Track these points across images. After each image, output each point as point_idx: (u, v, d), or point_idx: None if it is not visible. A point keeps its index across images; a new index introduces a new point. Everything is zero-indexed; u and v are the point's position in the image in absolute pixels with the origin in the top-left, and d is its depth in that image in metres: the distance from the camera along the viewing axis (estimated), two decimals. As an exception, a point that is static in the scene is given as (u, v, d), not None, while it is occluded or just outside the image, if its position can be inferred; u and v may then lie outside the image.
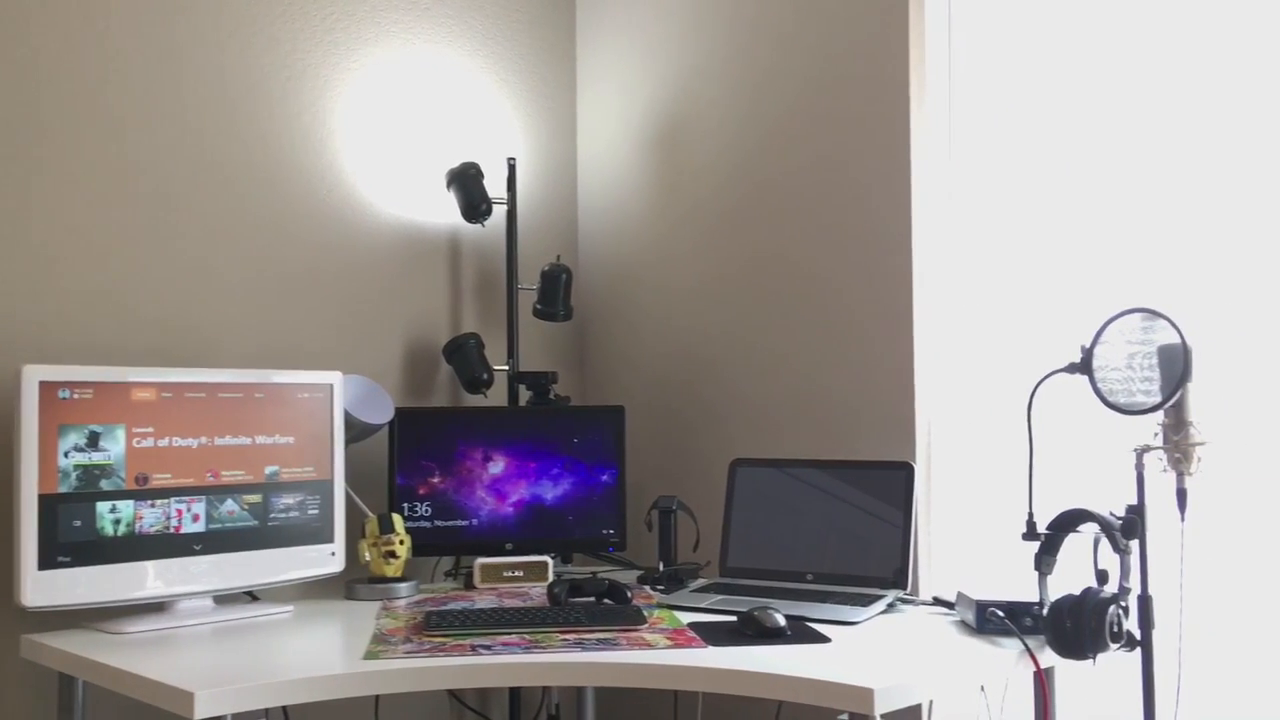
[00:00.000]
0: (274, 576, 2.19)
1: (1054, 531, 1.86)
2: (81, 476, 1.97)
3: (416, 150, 2.75)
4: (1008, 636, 1.86)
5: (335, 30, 2.60)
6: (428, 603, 2.25)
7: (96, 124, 2.24)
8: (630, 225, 2.94)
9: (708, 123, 2.75)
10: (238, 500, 2.16)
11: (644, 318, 2.90)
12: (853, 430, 2.44)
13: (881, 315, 2.40)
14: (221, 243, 2.41)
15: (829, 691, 1.58)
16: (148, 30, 2.31)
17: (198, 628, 2.03)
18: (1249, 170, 1.98)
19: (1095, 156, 2.16)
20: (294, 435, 2.23)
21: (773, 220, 2.61)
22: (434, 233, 2.77)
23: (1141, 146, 2.10)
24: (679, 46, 2.82)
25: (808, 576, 2.27)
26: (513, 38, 2.95)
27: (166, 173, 2.33)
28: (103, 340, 2.23)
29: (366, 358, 2.63)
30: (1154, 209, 2.08)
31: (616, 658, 1.75)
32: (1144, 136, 2.09)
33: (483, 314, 2.86)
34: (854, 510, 2.26)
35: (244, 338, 2.43)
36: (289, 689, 1.66)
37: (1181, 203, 2.05)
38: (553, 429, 2.56)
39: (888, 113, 2.38)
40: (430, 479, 2.51)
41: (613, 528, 2.55)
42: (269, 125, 2.49)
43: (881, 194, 2.40)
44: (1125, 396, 1.81)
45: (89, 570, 1.97)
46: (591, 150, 3.05)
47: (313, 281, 2.55)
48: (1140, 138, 2.10)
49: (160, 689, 1.64)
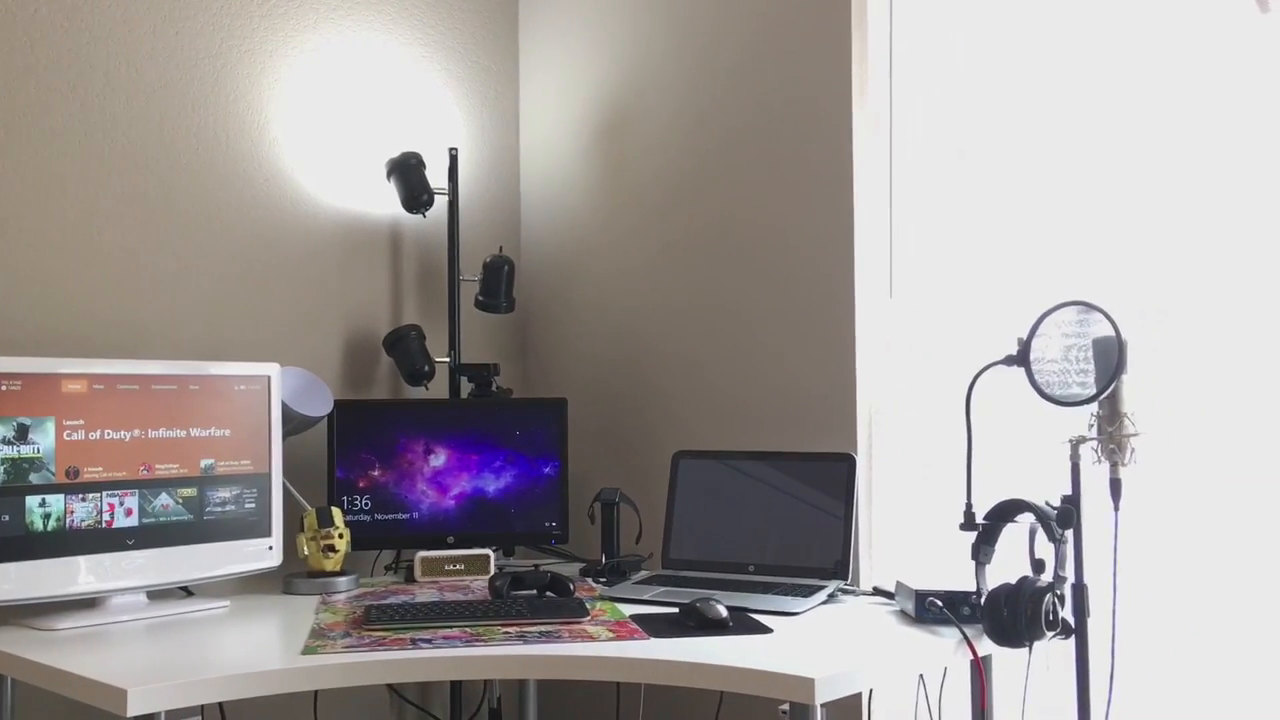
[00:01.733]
0: (209, 571, 2.15)
1: (992, 521, 1.88)
2: (9, 470, 1.92)
3: (356, 139, 2.71)
4: (946, 625, 1.88)
5: (273, 15, 2.56)
6: (367, 597, 2.23)
7: (23, 110, 2.18)
8: (573, 216, 2.93)
9: (649, 114, 2.75)
10: (172, 494, 2.12)
11: (586, 309, 2.89)
12: (794, 422, 2.46)
13: (823, 307, 2.41)
14: (155, 232, 2.36)
15: (770, 681, 1.58)
16: (78, 13, 2.25)
17: (131, 624, 1.99)
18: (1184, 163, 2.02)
19: (1034, 149, 2.19)
20: (230, 428, 2.19)
21: (713, 210, 2.61)
22: (374, 223, 2.74)
23: (1079, 139, 2.13)
24: (621, 37, 2.82)
25: (749, 568, 2.28)
26: (455, 26, 2.92)
27: (98, 160, 2.27)
28: (31, 331, 2.18)
29: (305, 349, 2.60)
30: (1091, 202, 2.12)
31: (558, 650, 1.75)
32: (1080, 129, 2.13)
33: (424, 305, 2.83)
34: (795, 502, 2.28)
35: (179, 329, 2.39)
36: (224, 685, 1.63)
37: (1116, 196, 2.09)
38: (495, 421, 2.54)
39: (829, 98, 2.40)
40: (370, 472, 2.48)
41: (555, 520, 2.54)
42: (204, 112, 2.44)
43: (824, 186, 2.41)
44: (1061, 388, 1.84)
45: (18, 566, 1.92)
46: (534, 141, 3.04)
47: (250, 272, 2.50)
48: (1076, 131, 2.13)
49: (92, 686, 1.60)
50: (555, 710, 2.91)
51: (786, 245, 2.48)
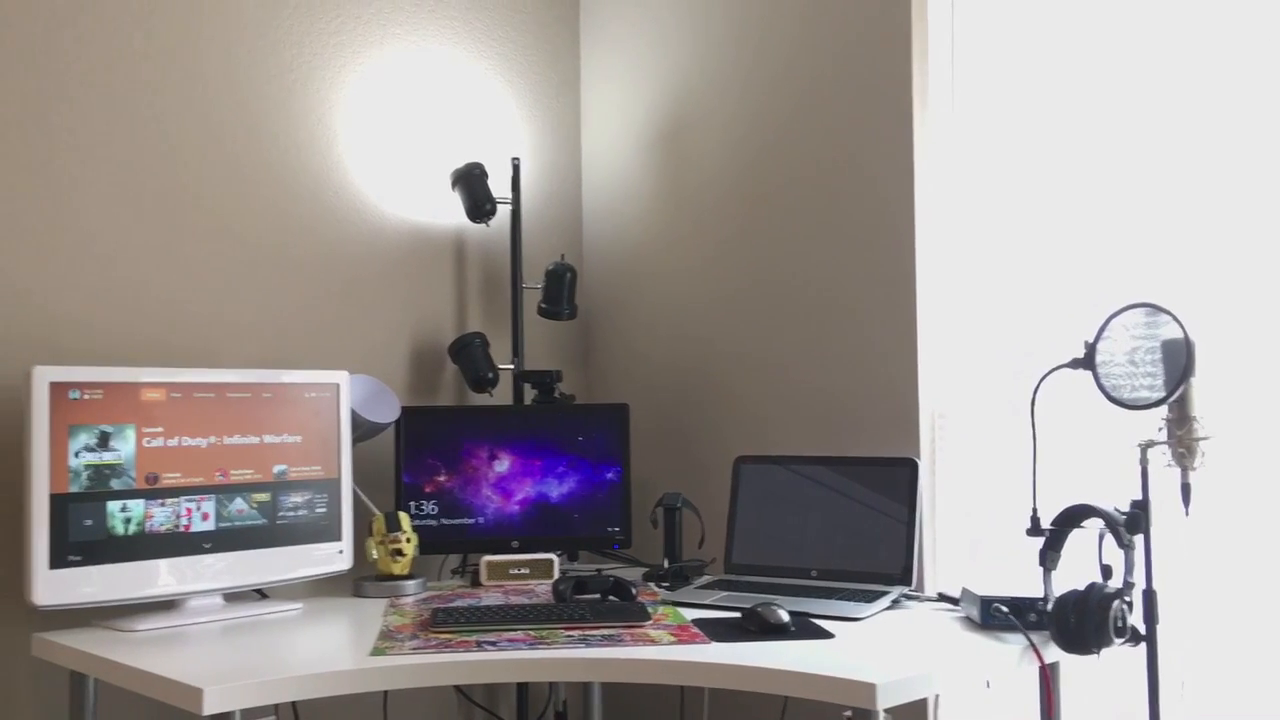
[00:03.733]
0: (283, 574, 2.20)
1: (1058, 527, 1.86)
2: (92, 476, 1.99)
3: (421, 151, 2.76)
4: (1012, 632, 1.86)
5: (341, 32, 2.62)
6: (434, 600, 2.27)
7: (106, 127, 2.26)
8: (634, 223, 2.95)
9: (711, 120, 2.76)
10: (246, 499, 2.17)
11: (648, 315, 2.91)
12: (857, 426, 2.45)
13: (886, 311, 2.40)
14: (229, 244, 2.42)
15: (832, 687, 1.58)
16: (156, 33, 2.33)
17: (207, 625, 2.04)
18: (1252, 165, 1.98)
19: (1100, 151, 2.16)
20: (301, 434, 2.25)
21: (777, 216, 2.62)
22: (439, 233, 2.78)
23: (1146, 141, 2.10)
24: (682, 45, 2.83)
25: (812, 573, 2.28)
26: (517, 38, 2.96)
27: (175, 174, 2.35)
28: (112, 341, 2.25)
29: (373, 357, 2.65)
30: (1158, 203, 2.08)
31: (620, 654, 1.76)
32: (1149, 131, 2.10)
33: (488, 313, 2.87)
34: (858, 506, 2.27)
35: (252, 338, 2.45)
36: (297, 685, 1.67)
37: (1185, 197, 2.05)
38: (558, 427, 2.57)
39: (891, 107, 2.39)
40: (436, 477, 2.52)
41: (618, 525, 2.56)
42: (277, 126, 2.50)
43: (886, 189, 2.41)
44: (1129, 391, 1.81)
45: (100, 569, 1.99)
46: (596, 149, 3.06)
47: (320, 282, 2.56)
48: (1145, 132, 2.10)
49: (170, 686, 1.65)
50: (620, 714, 2.93)
51: (847, 248, 2.47)
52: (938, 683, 1.65)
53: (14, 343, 2.13)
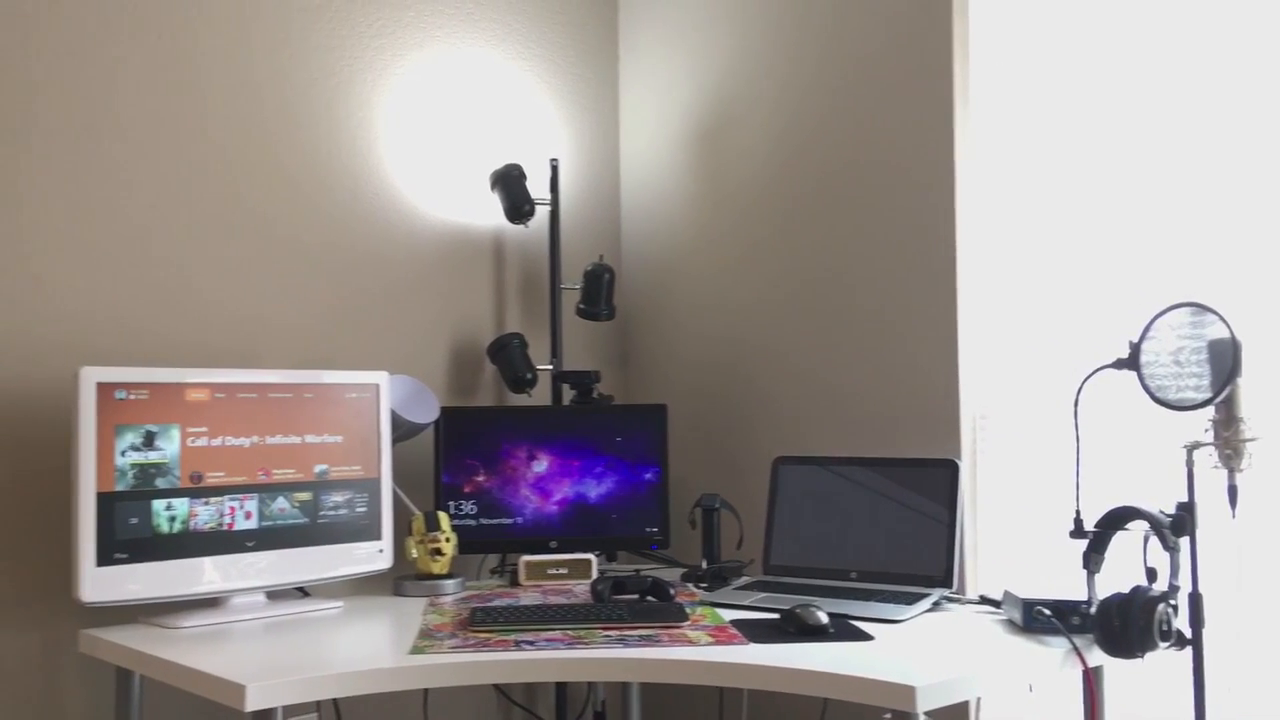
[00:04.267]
0: (324, 573, 2.23)
1: (1102, 529, 1.84)
2: (138, 475, 2.02)
3: (461, 152, 2.78)
4: (1055, 635, 1.84)
5: (382, 36, 2.64)
6: (473, 599, 2.28)
7: (152, 131, 2.29)
8: (672, 224, 2.95)
9: (749, 121, 2.76)
10: (289, 498, 2.20)
11: (686, 316, 2.91)
12: (897, 427, 2.43)
13: (927, 311, 2.38)
14: (272, 246, 2.45)
15: (871, 689, 1.57)
16: (201, 38, 2.36)
17: (250, 623, 2.07)
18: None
19: (1145, 148, 2.13)
20: (342, 434, 2.27)
21: (816, 215, 2.60)
22: (478, 234, 2.80)
23: (1193, 137, 2.07)
24: (720, 45, 2.83)
25: (851, 575, 2.27)
26: (555, 39, 2.97)
27: (220, 177, 2.38)
28: (157, 343, 2.28)
29: (412, 358, 2.67)
30: (1204, 201, 2.05)
31: (658, 654, 1.76)
32: (1195, 127, 2.06)
33: (526, 314, 2.88)
34: (898, 508, 2.25)
35: (294, 338, 2.48)
36: (337, 682, 1.69)
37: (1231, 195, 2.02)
38: (596, 428, 2.57)
39: (931, 102, 2.37)
40: (475, 477, 2.54)
41: (656, 526, 2.56)
42: (319, 130, 2.53)
43: (926, 186, 2.39)
44: (1174, 392, 1.79)
45: (145, 566, 2.02)
46: (634, 150, 3.07)
47: (360, 283, 2.59)
48: (1191, 128, 2.07)
49: (214, 682, 1.67)
50: (659, 714, 2.93)
51: (887, 248, 2.46)
52: (979, 686, 1.64)
53: (62, 344, 2.16)
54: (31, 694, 2.10)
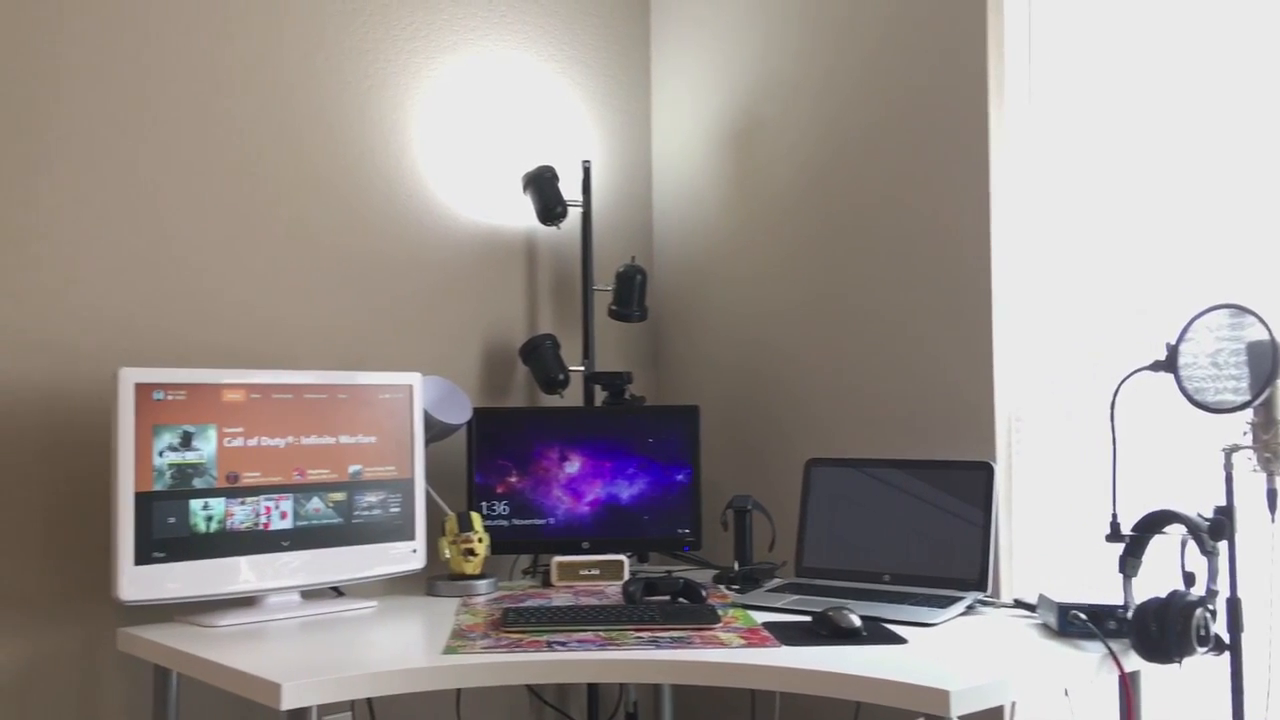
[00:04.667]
0: (358, 572, 2.24)
1: (1139, 533, 1.82)
2: (175, 475, 2.04)
3: (493, 154, 2.79)
4: (1091, 640, 1.83)
5: (415, 39, 2.66)
6: (506, 599, 2.29)
7: (187, 135, 2.32)
8: (705, 226, 2.95)
9: (782, 122, 2.75)
10: (323, 498, 2.21)
11: (719, 317, 2.91)
12: (930, 430, 2.42)
13: (960, 313, 2.37)
14: (306, 248, 2.47)
15: (903, 692, 1.57)
16: (235, 42, 2.38)
17: (285, 622, 2.09)
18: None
19: (1179, 149, 2.11)
20: (376, 435, 2.28)
21: (849, 217, 2.59)
22: (511, 236, 2.81)
23: (1228, 138, 2.04)
24: (752, 47, 2.83)
25: (885, 577, 2.26)
26: (587, 41, 2.98)
27: (254, 180, 2.40)
28: (193, 344, 2.31)
29: (445, 359, 2.68)
30: (1240, 202, 2.02)
31: (689, 656, 1.76)
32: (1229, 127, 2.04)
33: (558, 315, 2.89)
34: (932, 510, 2.24)
35: (328, 340, 2.50)
36: (371, 681, 1.70)
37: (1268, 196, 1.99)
38: (628, 429, 2.57)
39: (964, 96, 2.36)
40: (508, 478, 2.55)
41: (688, 527, 2.56)
42: (352, 133, 2.55)
43: (960, 189, 2.37)
44: (1212, 395, 1.77)
45: (183, 565, 2.04)
46: (666, 151, 3.07)
47: (393, 285, 2.60)
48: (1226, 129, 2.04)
49: (249, 681, 1.69)
50: (691, 716, 2.92)
51: (921, 248, 2.44)
52: (1013, 690, 1.63)
53: (101, 346, 2.19)
54: (72, 691, 2.13)
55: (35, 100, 2.13)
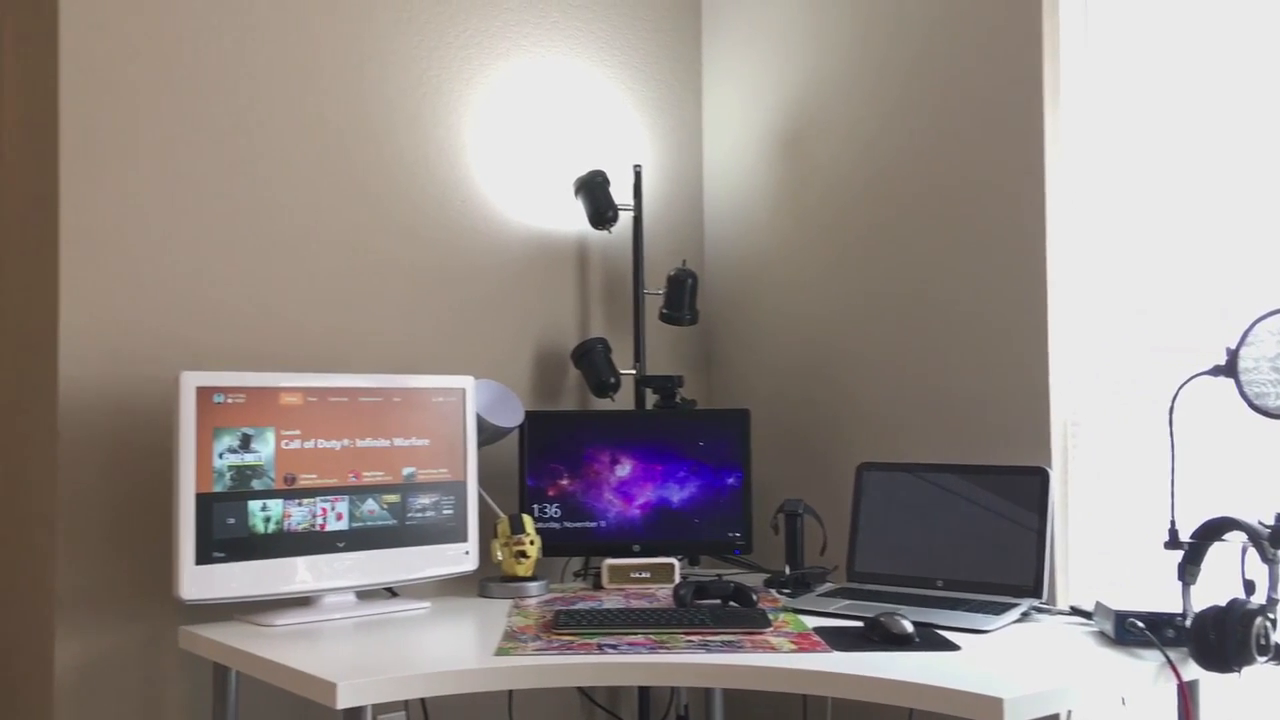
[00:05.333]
0: (412, 574, 2.27)
1: (1198, 540, 1.79)
2: (235, 476, 2.08)
3: (545, 159, 2.81)
4: (1148, 648, 1.80)
5: (469, 46, 2.69)
6: (557, 602, 2.30)
7: (245, 143, 2.36)
8: (756, 229, 2.95)
9: (833, 125, 2.74)
10: (378, 500, 2.24)
11: (770, 321, 2.90)
12: (984, 434, 2.39)
13: (1016, 316, 2.34)
14: (361, 254, 2.51)
15: (955, 700, 1.55)
16: (291, 53, 2.42)
17: (341, 622, 2.12)
18: None
19: (1239, 148, 2.07)
20: (429, 438, 2.31)
21: (901, 219, 2.58)
22: (562, 240, 2.83)
23: (1292, 138, 2.00)
24: (804, 49, 2.82)
25: (938, 583, 2.24)
26: (639, 46, 2.99)
27: (311, 189, 2.44)
28: (252, 348, 2.35)
29: (498, 363, 2.71)
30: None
31: (740, 660, 1.76)
32: (1294, 127, 2.00)
33: (610, 319, 2.90)
34: (987, 516, 2.22)
35: (382, 344, 2.53)
36: (424, 682, 1.72)
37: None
38: (679, 432, 2.58)
39: (1021, 106, 2.33)
40: (559, 481, 2.56)
41: (739, 530, 2.56)
42: (407, 139, 2.58)
43: (1015, 190, 2.35)
44: (1274, 399, 1.74)
45: (242, 565, 2.08)
46: (716, 154, 3.07)
47: (447, 289, 2.63)
48: (1290, 129, 2.00)
49: (306, 680, 1.72)
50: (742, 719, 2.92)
51: (974, 250, 2.42)
52: (1069, 699, 1.61)
53: (163, 350, 2.24)
54: (135, 687, 2.18)
55: (101, 115, 2.19)
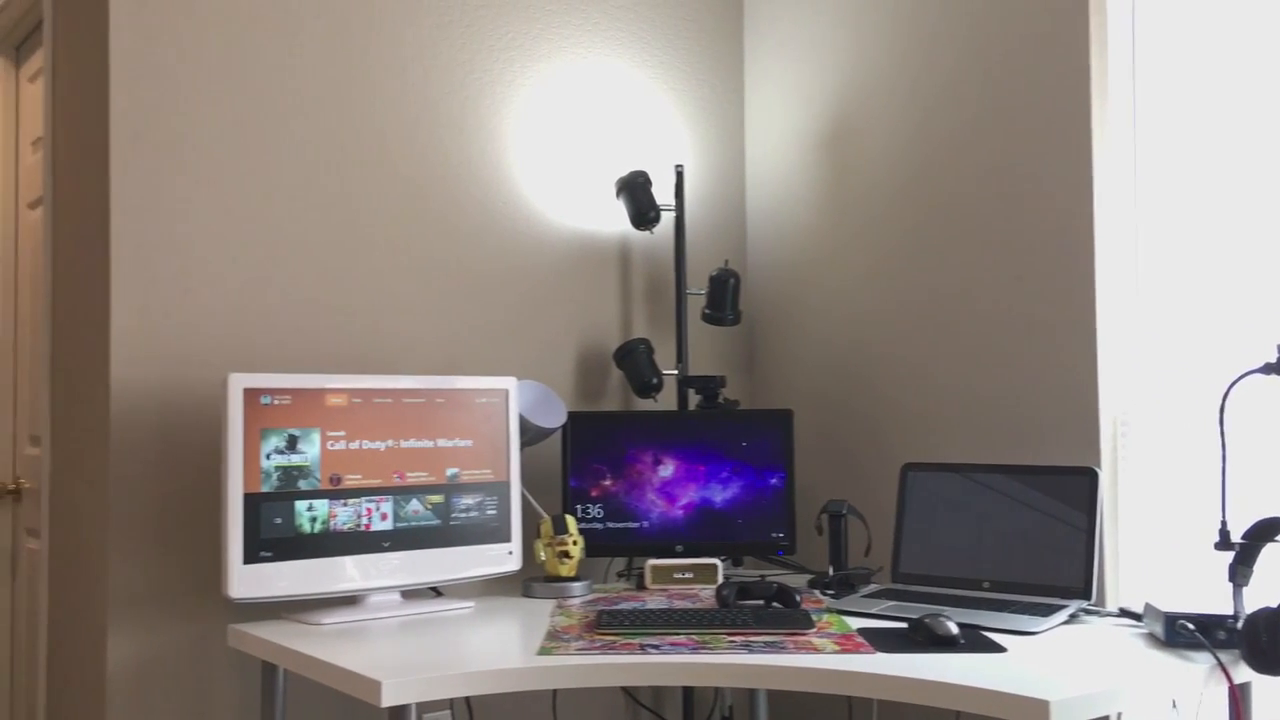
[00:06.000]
0: (456, 573, 2.28)
1: (1250, 541, 1.76)
2: (281, 477, 2.11)
3: (587, 160, 2.82)
4: (1199, 651, 1.77)
5: (511, 48, 2.70)
6: (600, 602, 2.31)
7: (291, 149, 2.39)
8: (798, 228, 2.93)
9: (877, 125, 2.72)
10: (421, 500, 2.26)
11: (813, 321, 2.89)
12: (1032, 434, 2.37)
13: (1063, 314, 2.31)
14: (404, 256, 2.53)
15: (1001, 702, 1.54)
16: (336, 58, 2.45)
17: (386, 621, 2.14)
18: None
19: (1294, 143, 2.03)
20: (472, 438, 2.32)
21: (946, 218, 2.56)
22: (604, 241, 2.83)
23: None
24: (847, 47, 2.80)
25: (984, 584, 2.22)
26: (681, 46, 2.99)
27: (355, 192, 2.47)
28: (298, 350, 2.38)
29: (540, 363, 2.72)
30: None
31: (783, 661, 1.76)
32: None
33: (652, 319, 2.90)
34: (1034, 517, 2.19)
35: (426, 346, 2.55)
36: (467, 681, 1.73)
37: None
38: (722, 432, 2.58)
39: (1067, 103, 2.30)
40: (602, 481, 2.57)
41: (782, 531, 2.55)
42: (450, 142, 2.60)
43: (1061, 186, 2.32)
44: (1329, 398, 1.70)
45: (289, 565, 2.10)
46: (760, 154, 3.06)
47: (489, 291, 2.65)
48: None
49: (352, 678, 1.74)
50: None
51: (1020, 247, 2.40)
52: (1118, 702, 1.58)
53: (212, 353, 2.28)
54: (185, 684, 2.22)
55: (150, 120, 2.22)
